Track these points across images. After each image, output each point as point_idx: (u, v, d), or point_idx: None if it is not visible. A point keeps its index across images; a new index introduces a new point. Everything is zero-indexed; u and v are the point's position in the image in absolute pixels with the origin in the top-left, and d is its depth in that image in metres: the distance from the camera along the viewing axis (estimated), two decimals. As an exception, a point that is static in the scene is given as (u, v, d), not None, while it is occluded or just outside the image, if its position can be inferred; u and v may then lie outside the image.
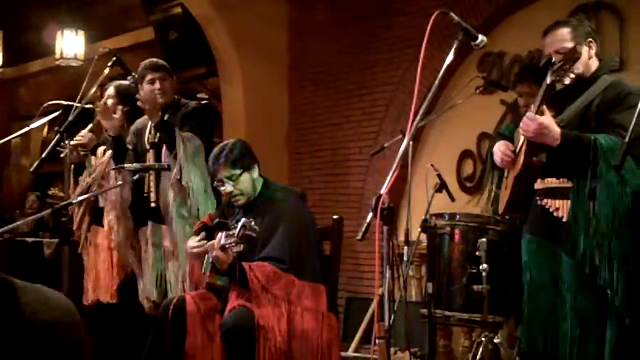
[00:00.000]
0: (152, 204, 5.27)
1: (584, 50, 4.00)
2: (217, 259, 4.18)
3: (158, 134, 5.29)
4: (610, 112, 3.89)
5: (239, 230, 4.04)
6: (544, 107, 3.82)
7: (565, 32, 4.01)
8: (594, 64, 4.08)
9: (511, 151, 4.12)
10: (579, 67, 3.97)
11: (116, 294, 5.48)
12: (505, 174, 4.24)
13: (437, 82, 3.76)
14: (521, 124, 3.88)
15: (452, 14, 3.75)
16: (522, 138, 3.97)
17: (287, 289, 4.24)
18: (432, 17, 3.60)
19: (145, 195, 5.31)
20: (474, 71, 7.07)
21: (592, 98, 3.96)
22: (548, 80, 3.78)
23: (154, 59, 5.56)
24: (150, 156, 5.29)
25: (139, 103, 5.14)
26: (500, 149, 4.19)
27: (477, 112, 6.90)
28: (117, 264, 5.51)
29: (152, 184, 5.26)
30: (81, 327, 1.59)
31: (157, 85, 5.35)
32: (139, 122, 5.54)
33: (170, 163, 5.08)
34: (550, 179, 3.98)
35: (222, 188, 4.60)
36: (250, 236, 4.10)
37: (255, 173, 4.61)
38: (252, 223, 4.08)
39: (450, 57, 3.71)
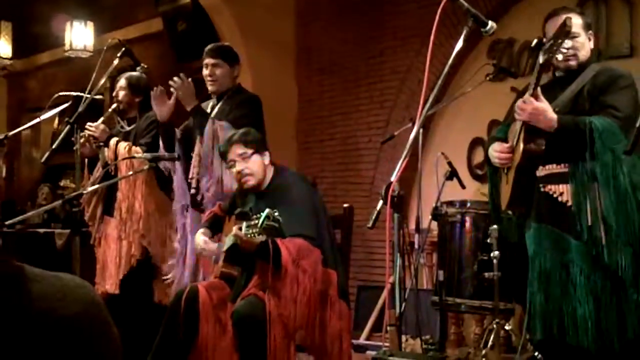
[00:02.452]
0: (192, 190, 5.27)
1: (587, 42, 4.09)
2: (244, 244, 4.15)
3: (214, 113, 5.33)
4: (602, 94, 3.95)
5: (262, 221, 4.00)
6: (539, 91, 3.84)
7: (576, 21, 4.01)
8: (589, 52, 4.14)
9: (507, 147, 4.14)
10: (582, 54, 4.01)
11: (118, 286, 5.49)
12: (505, 170, 4.24)
13: (446, 69, 3.75)
14: (516, 107, 3.90)
15: (461, 0, 3.74)
16: (517, 129, 3.98)
17: (315, 265, 4.24)
18: (442, 4, 3.60)
19: (189, 181, 5.30)
20: (483, 58, 7.05)
21: (582, 85, 4.01)
22: (540, 59, 3.83)
23: (220, 44, 5.52)
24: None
25: (172, 90, 5.14)
26: (495, 149, 4.22)
27: (488, 100, 6.88)
28: (125, 255, 5.53)
29: (194, 170, 5.25)
30: (105, 320, 1.56)
31: (207, 71, 5.36)
32: (202, 104, 5.51)
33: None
34: (550, 165, 3.99)
35: (234, 168, 4.61)
36: (272, 227, 4.05)
37: (267, 159, 4.62)
38: (276, 214, 4.04)
39: (459, 44, 3.71)
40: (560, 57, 3.81)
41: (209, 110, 5.39)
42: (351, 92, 8.28)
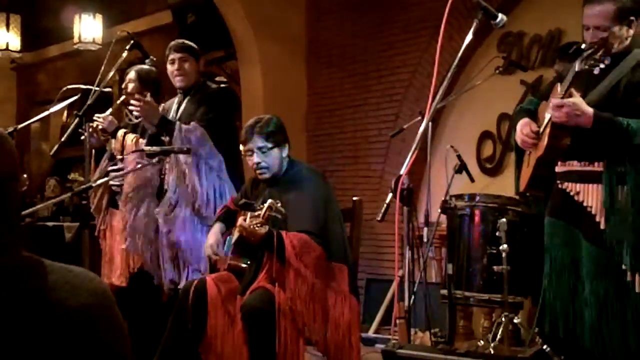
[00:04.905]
0: (165, 186, 5.31)
1: (624, 29, 3.82)
2: (248, 234, 4.16)
3: (181, 110, 5.38)
4: (639, 95, 3.76)
5: (265, 212, 4.02)
6: (573, 91, 3.73)
7: (611, 10, 3.78)
8: (629, 39, 3.87)
9: (534, 132, 4.01)
10: (616, 45, 3.84)
11: (127, 279, 5.48)
12: (528, 151, 4.16)
13: (456, 62, 3.74)
14: (549, 110, 3.77)
15: (471, -8, 3.72)
16: (547, 118, 3.88)
17: (317, 262, 4.24)
18: (451, -4, 3.58)
19: (162, 177, 5.34)
20: (493, 51, 7.03)
21: (620, 77, 3.79)
22: (577, 67, 3.69)
23: (181, 40, 5.56)
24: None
25: (135, 113, 5.21)
26: (522, 130, 4.06)
27: (497, 93, 6.87)
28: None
29: (167, 165, 5.27)
30: (114, 312, 1.57)
31: (176, 66, 5.39)
32: (167, 102, 5.60)
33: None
34: (572, 162, 3.87)
35: (250, 159, 4.60)
36: (276, 218, 4.07)
37: (285, 152, 4.61)
38: (279, 205, 4.05)
39: (469, 37, 3.69)
40: (597, 71, 3.71)
41: (175, 107, 5.48)
42: (361, 85, 8.27)
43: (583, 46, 3.77)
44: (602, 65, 3.66)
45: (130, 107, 5.25)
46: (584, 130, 3.70)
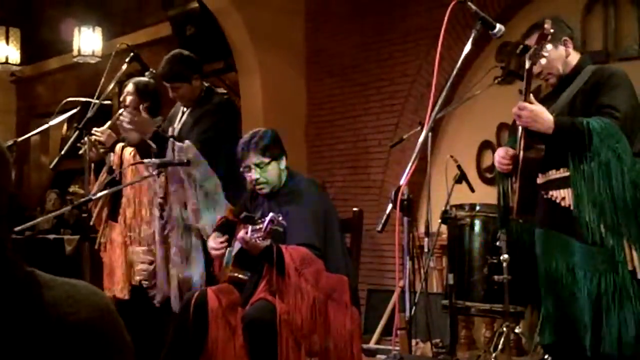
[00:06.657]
0: (160, 200, 5.32)
1: (561, 49, 4.09)
2: (249, 247, 4.15)
3: (182, 122, 5.38)
4: (597, 96, 3.93)
5: (267, 225, 4.01)
6: (531, 96, 3.89)
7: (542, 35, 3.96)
8: (574, 58, 4.13)
9: (511, 154, 4.14)
10: (561, 66, 4.06)
11: (129, 291, 5.48)
12: (513, 179, 4.22)
13: (455, 72, 3.76)
14: (513, 115, 3.91)
15: (469, 3, 3.74)
16: (519, 136, 4.00)
17: (317, 275, 4.23)
18: (450, 7, 3.60)
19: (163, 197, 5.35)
20: (492, 61, 7.04)
21: (577, 89, 4.02)
22: (527, 65, 3.87)
23: (165, 65, 5.40)
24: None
25: (125, 126, 5.20)
26: (498, 154, 4.22)
27: (496, 103, 6.86)
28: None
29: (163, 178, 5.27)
30: (117, 327, 1.56)
31: (170, 94, 5.41)
32: (173, 109, 5.61)
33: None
34: (550, 172, 3.98)
35: (249, 174, 4.59)
36: (277, 231, 4.07)
37: (283, 164, 4.60)
38: (280, 218, 4.04)
39: (468, 47, 3.71)
40: (543, 61, 3.84)
41: (179, 115, 5.47)
42: (361, 95, 8.27)
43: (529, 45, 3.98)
44: (545, 54, 3.80)
45: (120, 122, 5.23)
46: (551, 136, 3.82)
